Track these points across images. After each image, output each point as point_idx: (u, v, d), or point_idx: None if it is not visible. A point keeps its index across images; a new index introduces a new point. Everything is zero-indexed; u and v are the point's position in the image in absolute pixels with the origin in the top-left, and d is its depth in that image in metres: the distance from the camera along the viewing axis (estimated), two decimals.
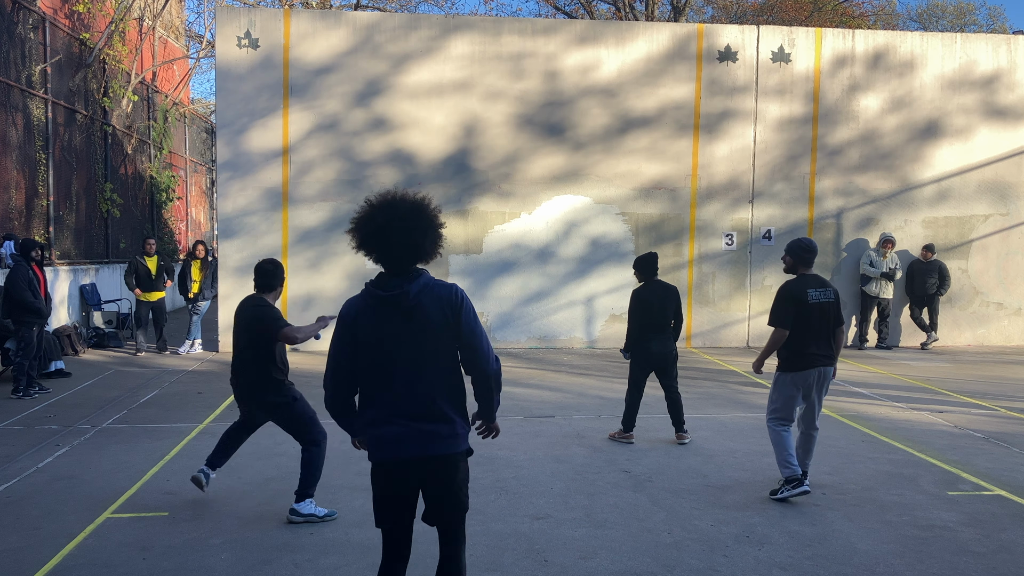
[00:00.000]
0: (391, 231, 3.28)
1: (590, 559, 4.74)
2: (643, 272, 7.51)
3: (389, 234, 3.29)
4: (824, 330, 5.84)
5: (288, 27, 12.58)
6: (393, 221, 3.29)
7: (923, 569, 4.67)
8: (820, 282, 5.89)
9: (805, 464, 6.05)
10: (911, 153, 13.85)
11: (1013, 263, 14.20)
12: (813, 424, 6.05)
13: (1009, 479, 6.37)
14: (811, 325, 5.79)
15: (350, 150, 12.80)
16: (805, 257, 5.91)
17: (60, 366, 10.39)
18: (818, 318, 5.80)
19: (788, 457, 5.85)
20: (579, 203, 13.27)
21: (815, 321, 5.80)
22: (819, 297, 5.82)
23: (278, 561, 4.67)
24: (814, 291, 5.82)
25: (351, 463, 6.57)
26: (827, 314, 5.84)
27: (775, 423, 5.97)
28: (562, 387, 9.86)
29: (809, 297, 5.79)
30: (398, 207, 3.32)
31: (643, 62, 13.25)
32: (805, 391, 5.90)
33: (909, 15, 42.53)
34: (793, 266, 5.96)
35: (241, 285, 12.65)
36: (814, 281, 5.88)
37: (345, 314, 3.40)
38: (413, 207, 3.34)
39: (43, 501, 5.66)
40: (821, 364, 5.85)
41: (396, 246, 3.30)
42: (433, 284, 3.38)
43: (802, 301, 5.78)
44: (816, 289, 5.83)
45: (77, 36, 14.82)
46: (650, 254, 7.60)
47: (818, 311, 5.79)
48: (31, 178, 12.89)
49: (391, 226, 3.28)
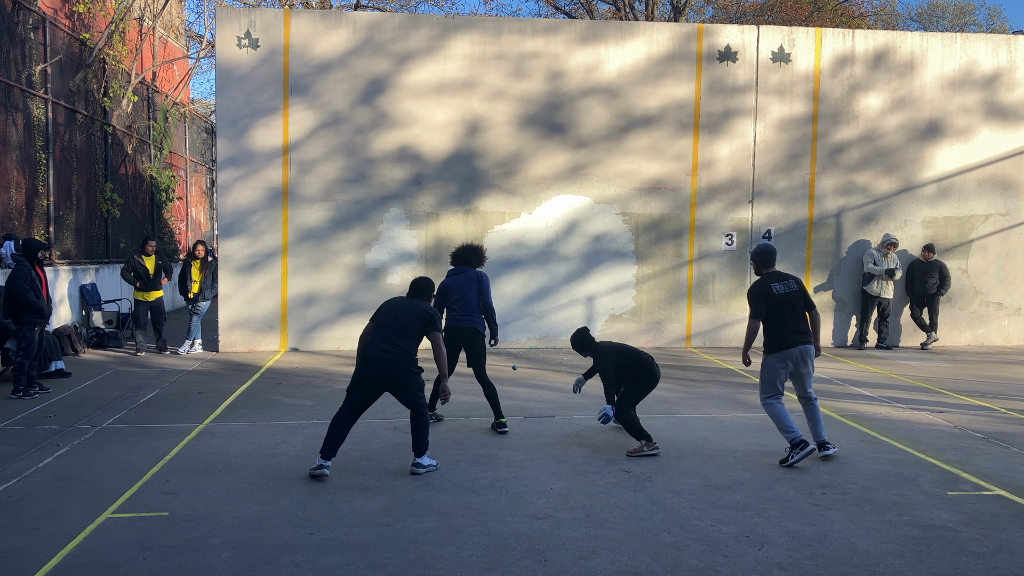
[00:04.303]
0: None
1: (590, 559, 4.75)
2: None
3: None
4: (794, 315, 6.75)
5: (288, 27, 12.59)
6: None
7: (923, 569, 4.67)
8: (781, 276, 6.90)
9: (820, 435, 6.83)
10: (911, 153, 13.86)
11: (1013, 263, 14.20)
12: (807, 393, 6.88)
13: (1009, 479, 6.37)
14: (783, 312, 6.72)
15: (351, 149, 12.81)
16: (763, 260, 6.97)
17: (60, 366, 10.39)
18: (787, 306, 6.74)
19: (787, 424, 6.68)
20: (580, 202, 13.27)
21: (785, 308, 6.73)
22: (782, 289, 6.78)
23: (278, 561, 4.67)
24: (777, 284, 6.80)
25: (351, 463, 6.57)
26: (794, 301, 6.78)
27: (768, 399, 6.82)
28: (562, 387, 9.86)
29: (774, 290, 6.75)
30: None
31: (644, 62, 13.25)
32: (789, 366, 6.76)
33: (909, 15, 42.54)
34: (757, 269, 7.02)
35: (242, 285, 12.66)
36: (776, 277, 6.88)
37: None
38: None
39: (43, 501, 5.66)
40: (799, 343, 6.73)
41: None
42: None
43: (769, 295, 6.73)
44: (778, 283, 6.81)
45: (77, 36, 14.82)
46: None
47: (785, 300, 6.74)
48: (31, 178, 12.89)
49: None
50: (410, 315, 6.38)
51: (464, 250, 8.22)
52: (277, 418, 8.21)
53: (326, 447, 6.28)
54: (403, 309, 6.43)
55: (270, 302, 12.73)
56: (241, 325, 12.70)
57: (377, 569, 4.57)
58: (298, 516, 5.39)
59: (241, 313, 12.68)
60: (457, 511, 5.51)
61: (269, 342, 12.76)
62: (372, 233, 12.87)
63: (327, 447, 6.28)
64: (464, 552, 4.82)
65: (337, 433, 6.30)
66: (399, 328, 6.31)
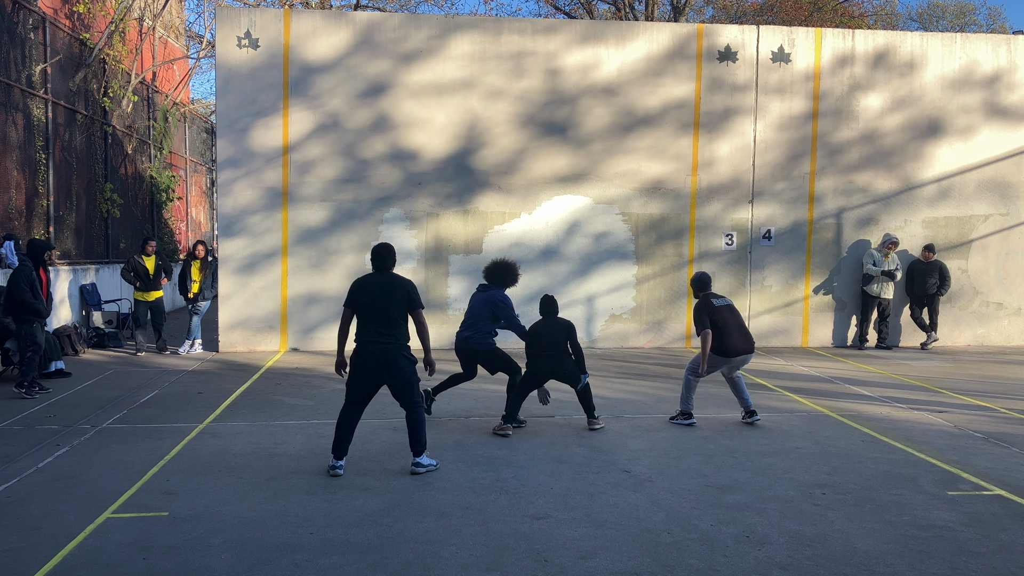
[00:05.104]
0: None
1: (590, 559, 4.75)
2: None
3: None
4: (737, 323, 7.99)
5: (288, 27, 12.59)
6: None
7: (923, 569, 4.67)
8: (718, 296, 8.18)
9: (748, 404, 8.14)
10: (912, 153, 13.86)
11: (1013, 263, 14.20)
12: (734, 376, 8.19)
13: (1009, 479, 6.37)
14: (727, 320, 7.94)
15: (350, 149, 12.81)
16: (701, 286, 8.22)
17: (60, 366, 10.40)
18: (729, 315, 7.98)
19: (690, 397, 8.11)
20: (580, 203, 13.27)
21: (729, 318, 7.96)
22: (721, 303, 8.05)
23: (278, 561, 4.67)
24: (716, 299, 8.07)
25: (351, 463, 6.57)
26: (734, 312, 8.08)
27: (691, 375, 8.10)
28: (562, 387, 9.86)
29: (715, 303, 8.02)
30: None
31: (644, 62, 13.25)
32: (728, 369, 8.09)
33: (909, 15, 42.57)
34: (697, 292, 8.22)
35: (242, 285, 12.66)
36: (714, 296, 8.14)
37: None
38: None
39: (43, 501, 5.66)
40: (743, 352, 7.92)
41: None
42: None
43: (712, 308, 7.95)
44: (717, 299, 8.09)
45: (77, 36, 14.82)
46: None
47: (727, 311, 8.01)
48: (31, 178, 12.89)
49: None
50: (395, 299, 6.32)
51: (496, 267, 8.19)
52: (277, 418, 8.21)
53: (336, 447, 6.33)
54: (385, 294, 6.34)
55: (270, 302, 12.73)
56: (241, 325, 12.70)
57: (377, 569, 4.57)
58: (298, 516, 5.39)
59: (241, 313, 12.68)
60: (457, 511, 5.51)
61: (269, 342, 12.76)
62: (372, 233, 12.87)
63: (337, 447, 6.33)
64: (464, 552, 4.82)
65: (345, 432, 6.35)
66: (388, 317, 6.29)
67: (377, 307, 6.29)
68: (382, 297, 6.30)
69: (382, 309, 6.27)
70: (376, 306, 6.29)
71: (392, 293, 6.32)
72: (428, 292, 12.92)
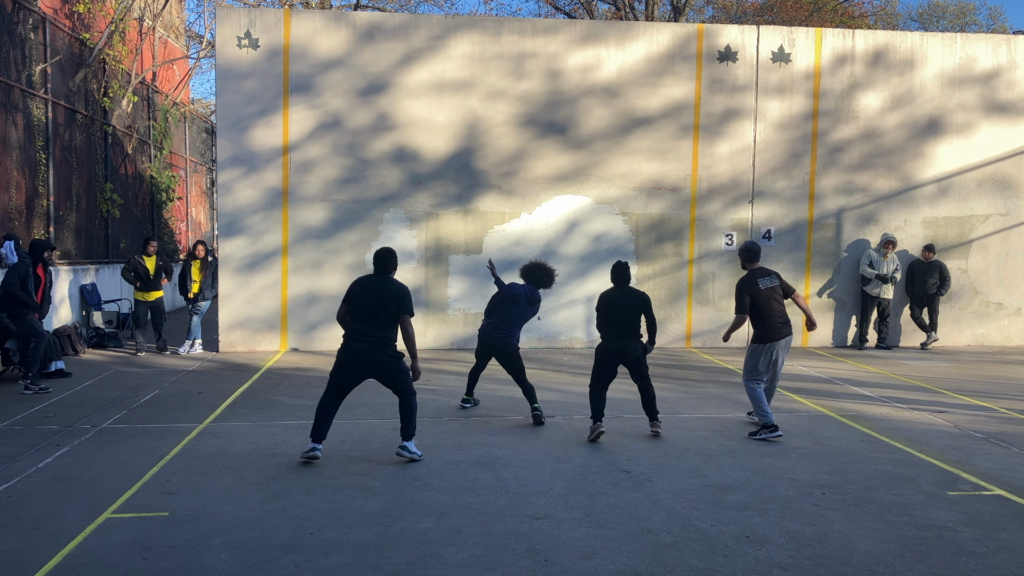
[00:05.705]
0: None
1: (590, 559, 4.75)
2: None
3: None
4: (779, 306, 7.49)
5: (288, 27, 12.59)
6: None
7: (923, 569, 4.67)
8: (766, 272, 7.57)
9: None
10: (912, 152, 13.85)
11: (1013, 263, 14.20)
12: (775, 381, 7.76)
13: (1009, 479, 6.37)
14: (770, 304, 7.42)
15: (351, 149, 12.80)
16: (750, 256, 7.63)
17: (60, 366, 10.41)
18: (774, 300, 7.45)
19: (764, 407, 7.44)
20: (580, 203, 13.27)
21: (773, 303, 7.44)
22: (767, 284, 7.46)
23: (278, 561, 4.67)
24: (763, 279, 7.47)
25: (351, 463, 6.57)
26: (778, 293, 7.51)
27: (751, 382, 7.58)
28: (562, 387, 9.87)
29: (760, 285, 7.44)
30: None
31: (644, 62, 13.25)
32: (772, 357, 7.54)
33: (909, 15, 42.55)
34: (744, 265, 7.68)
35: (242, 285, 12.66)
36: (761, 272, 7.55)
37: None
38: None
39: (43, 501, 5.66)
40: (783, 335, 7.48)
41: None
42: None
43: (756, 290, 7.41)
44: (764, 277, 7.50)
45: (77, 36, 14.82)
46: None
47: (770, 294, 7.44)
48: (31, 178, 12.89)
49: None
50: (386, 302, 6.55)
51: (536, 269, 8.40)
52: (277, 418, 8.22)
53: (315, 431, 6.61)
54: (378, 296, 6.57)
55: (270, 302, 12.73)
56: (241, 325, 12.70)
57: (377, 569, 4.57)
58: (298, 516, 5.39)
59: (241, 313, 12.68)
60: (457, 511, 5.51)
61: (269, 342, 12.76)
62: (372, 233, 12.87)
63: (316, 431, 6.61)
64: (464, 552, 4.82)
65: (324, 417, 6.64)
66: (377, 318, 6.55)
67: (369, 308, 6.56)
68: (375, 299, 6.57)
69: (372, 310, 6.55)
70: (368, 307, 6.57)
71: (385, 296, 6.57)
72: (428, 292, 12.92)
